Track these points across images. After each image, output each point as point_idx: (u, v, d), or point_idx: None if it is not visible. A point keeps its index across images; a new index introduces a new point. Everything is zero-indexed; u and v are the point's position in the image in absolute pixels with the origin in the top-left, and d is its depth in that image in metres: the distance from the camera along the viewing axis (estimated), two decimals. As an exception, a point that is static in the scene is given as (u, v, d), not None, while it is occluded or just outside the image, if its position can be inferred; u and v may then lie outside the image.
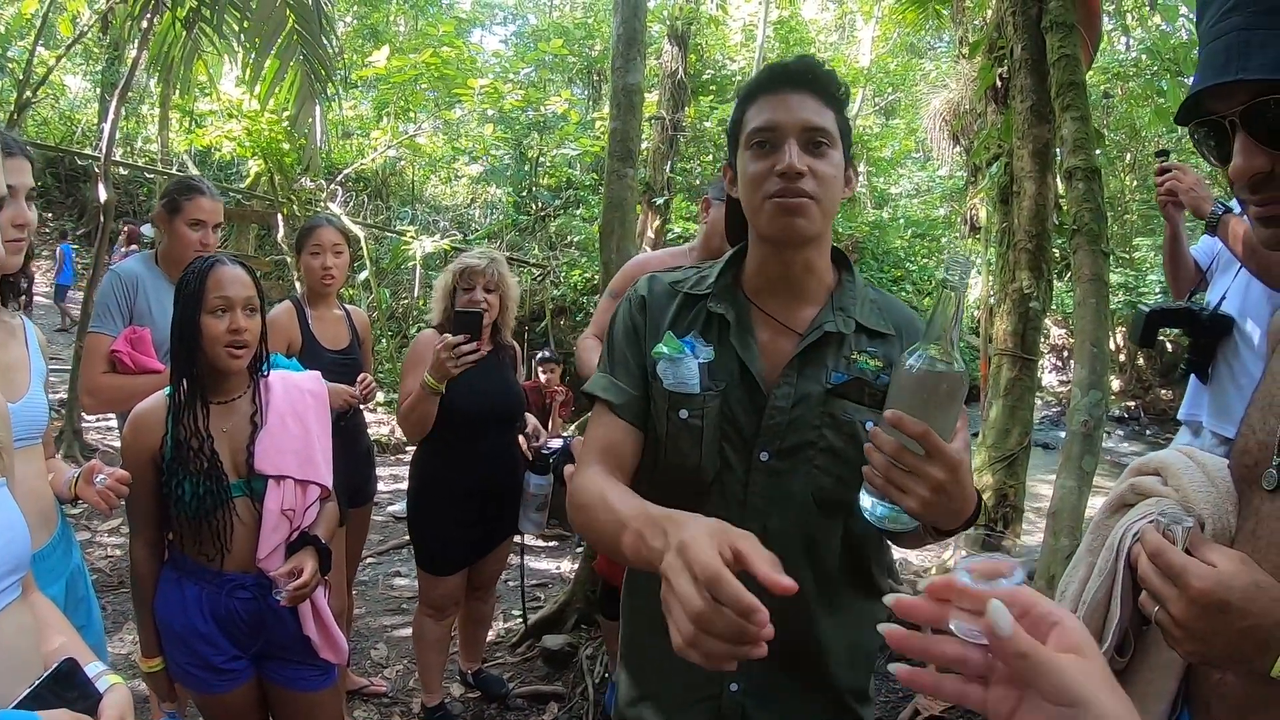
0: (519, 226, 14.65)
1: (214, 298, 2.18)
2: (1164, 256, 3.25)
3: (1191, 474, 1.21)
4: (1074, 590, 1.30)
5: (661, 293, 1.60)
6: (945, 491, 1.17)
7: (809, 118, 1.42)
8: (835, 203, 1.46)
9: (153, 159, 17.33)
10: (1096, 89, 13.29)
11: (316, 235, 3.46)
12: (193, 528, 2.20)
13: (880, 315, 1.54)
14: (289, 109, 8.65)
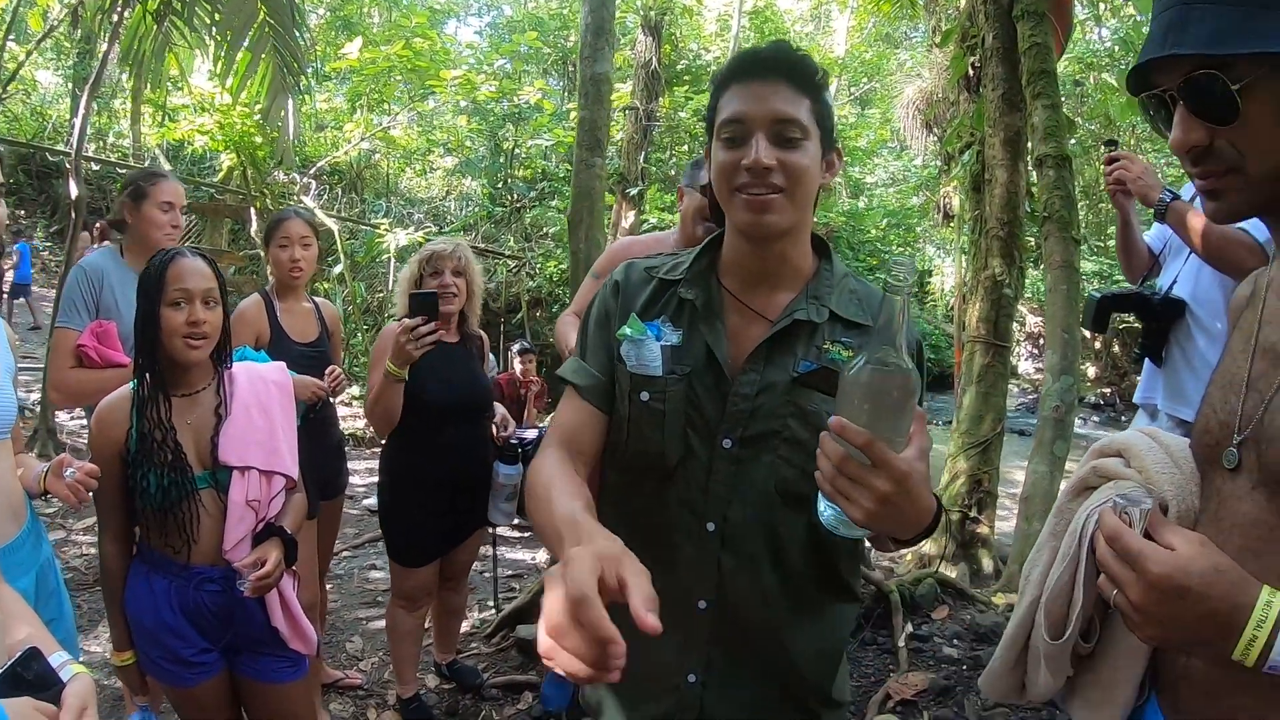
0: (494, 218, 14.61)
1: (173, 290, 2.17)
2: (1116, 244, 3.31)
3: (1154, 455, 1.21)
4: (1037, 575, 1.28)
5: (637, 279, 1.58)
6: (892, 503, 1.11)
7: (780, 109, 1.37)
8: (809, 194, 1.42)
9: (125, 154, 17.16)
10: (1069, 78, 13.38)
11: (284, 228, 3.43)
12: (158, 520, 2.19)
13: (859, 306, 1.49)
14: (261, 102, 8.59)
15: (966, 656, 3.68)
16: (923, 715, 3.28)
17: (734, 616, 1.45)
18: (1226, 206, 1.05)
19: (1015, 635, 1.31)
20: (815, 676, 1.52)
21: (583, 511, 1.23)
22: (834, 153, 1.48)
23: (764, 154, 1.35)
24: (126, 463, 2.20)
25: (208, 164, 14.34)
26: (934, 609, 4.10)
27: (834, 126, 1.47)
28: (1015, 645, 1.31)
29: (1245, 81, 0.96)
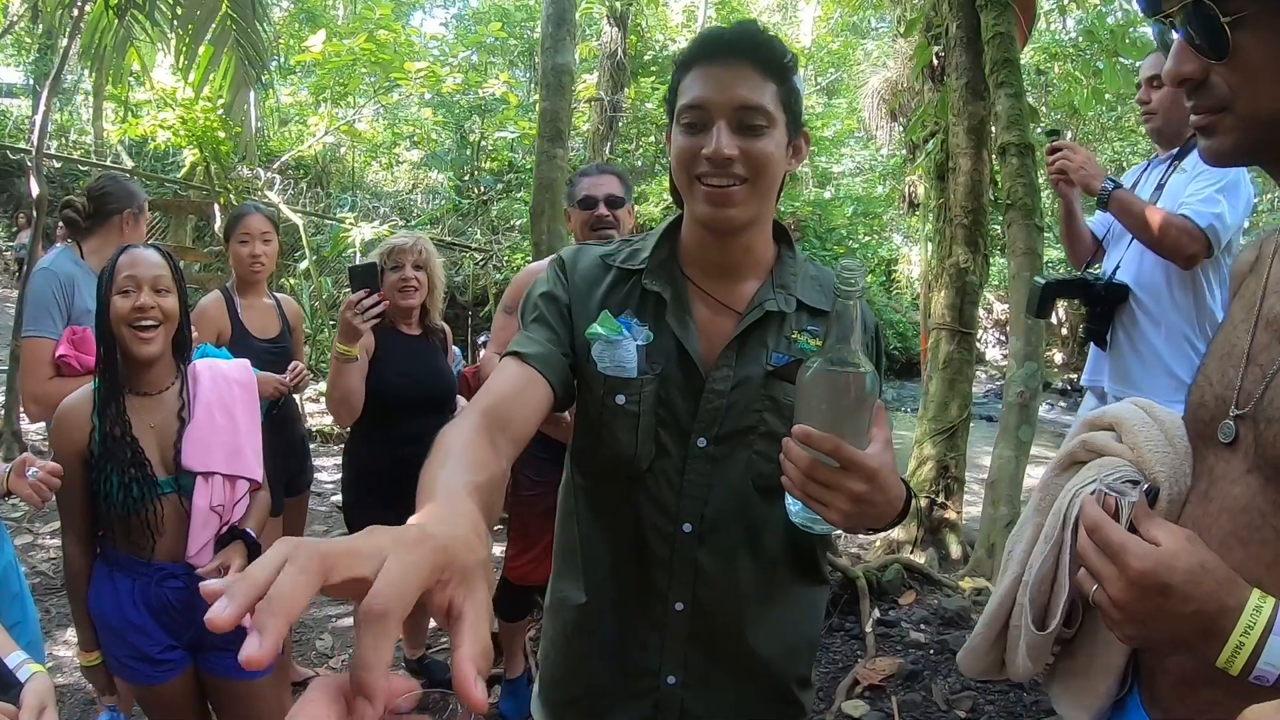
0: (460, 212, 14.53)
1: (122, 278, 2.17)
2: (1060, 231, 3.36)
3: (1148, 431, 1.15)
4: (1019, 552, 1.25)
5: (590, 265, 1.49)
6: (866, 500, 1.11)
7: (743, 95, 1.30)
8: (773, 183, 1.37)
9: (87, 151, 16.90)
10: (1033, 67, 13.48)
11: (245, 223, 3.40)
12: (122, 521, 2.18)
13: (821, 291, 1.46)
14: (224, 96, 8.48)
15: (933, 641, 3.71)
16: (890, 700, 3.31)
17: (712, 615, 1.44)
18: (1216, 145, 0.99)
19: (995, 613, 1.27)
20: (795, 663, 1.51)
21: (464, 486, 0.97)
22: (801, 138, 1.41)
23: (725, 144, 1.29)
24: (89, 464, 2.18)
25: (171, 160, 14.15)
26: (901, 594, 4.14)
27: (802, 111, 1.41)
28: (995, 623, 1.27)
29: (1238, 15, 0.90)
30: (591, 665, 1.52)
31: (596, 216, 3.04)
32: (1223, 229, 2.82)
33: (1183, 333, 3.00)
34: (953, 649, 3.61)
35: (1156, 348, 3.01)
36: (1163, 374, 3.01)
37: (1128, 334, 3.09)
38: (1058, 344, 19.04)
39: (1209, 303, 3.00)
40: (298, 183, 14.87)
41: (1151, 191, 3.09)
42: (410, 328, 3.33)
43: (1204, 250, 2.83)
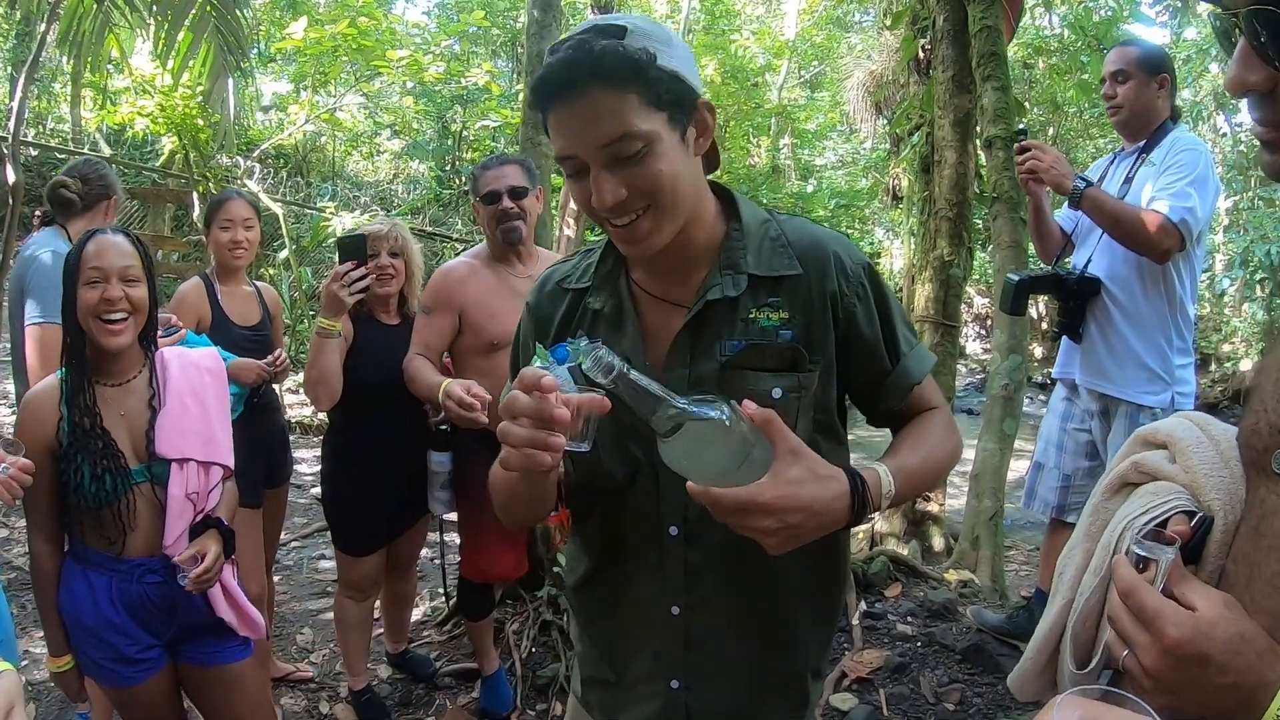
0: (442, 201, 14.45)
1: (88, 269, 2.10)
2: (1029, 228, 3.44)
3: (1202, 453, 1.08)
4: (1070, 576, 1.20)
5: (550, 294, 1.47)
6: (785, 528, 1.11)
7: (604, 132, 1.17)
8: (683, 189, 1.25)
9: (65, 139, 16.67)
10: (1019, 61, 13.50)
11: (226, 209, 3.35)
12: (93, 515, 2.12)
13: (782, 252, 1.35)
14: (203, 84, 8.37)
15: (921, 633, 3.71)
16: (879, 693, 3.30)
17: (710, 617, 1.40)
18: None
19: (1046, 638, 1.22)
20: (805, 656, 1.48)
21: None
22: (697, 117, 1.27)
23: (608, 192, 1.20)
24: (56, 457, 2.11)
25: (149, 148, 14.00)
26: (887, 587, 4.13)
27: (684, 87, 1.23)
28: (1047, 648, 1.22)
29: None
30: (602, 663, 1.54)
31: (502, 210, 3.00)
32: (1194, 222, 2.88)
33: (1155, 324, 3.05)
34: (940, 641, 3.60)
35: (1129, 340, 3.06)
36: (1134, 365, 3.06)
37: (1100, 327, 3.14)
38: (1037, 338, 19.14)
39: (1180, 294, 3.05)
40: (278, 172, 14.73)
41: (1119, 184, 3.14)
42: (389, 316, 3.28)
43: (1177, 245, 2.88)
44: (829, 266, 1.34)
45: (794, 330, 1.32)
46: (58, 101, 18.92)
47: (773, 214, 1.41)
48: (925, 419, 1.45)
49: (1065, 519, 3.36)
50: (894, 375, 1.40)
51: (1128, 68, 3.11)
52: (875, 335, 1.38)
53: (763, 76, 17.95)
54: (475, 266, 3.11)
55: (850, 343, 1.37)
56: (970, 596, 4.11)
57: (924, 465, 1.35)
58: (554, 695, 3.51)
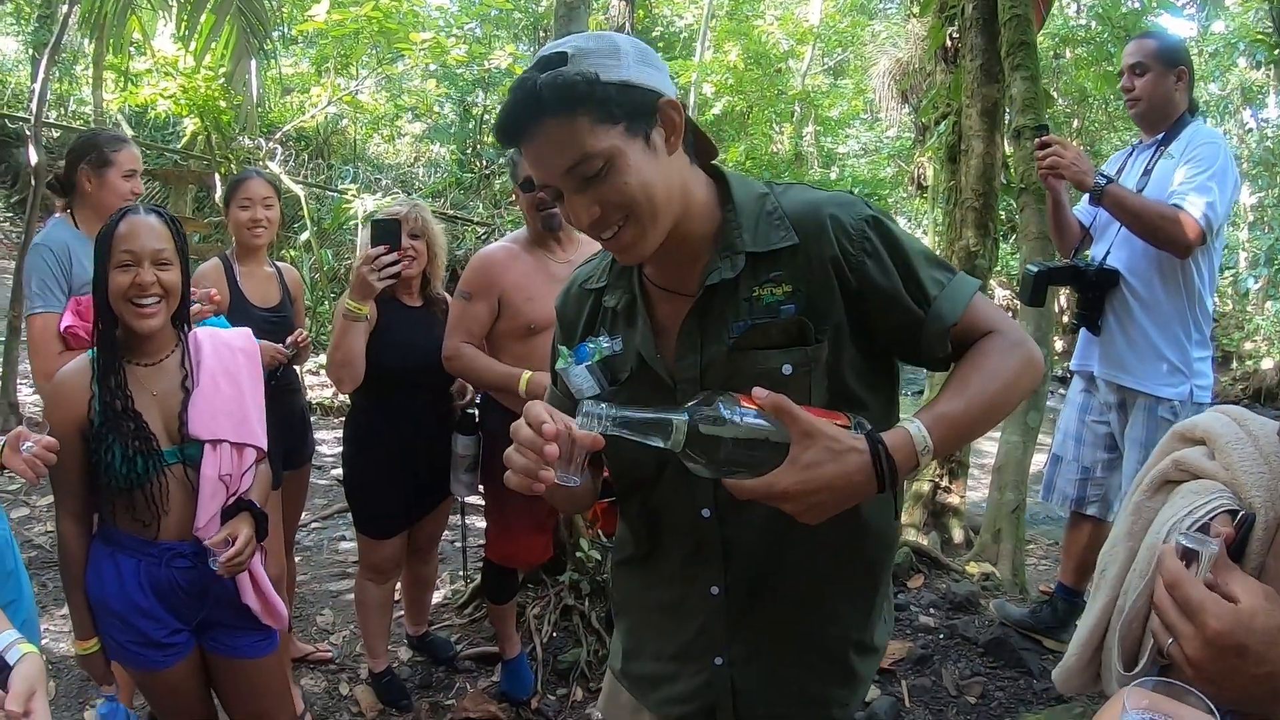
0: (463, 185, 14.44)
1: (120, 251, 2.07)
2: (1048, 222, 3.44)
3: (1242, 450, 1.11)
4: (1113, 573, 1.22)
5: (575, 296, 1.55)
6: (811, 507, 1.16)
7: (562, 159, 1.22)
8: (658, 193, 1.26)
9: (87, 120, 16.71)
10: (1047, 52, 13.37)
11: (246, 188, 3.33)
12: (125, 497, 2.10)
13: (779, 224, 1.34)
14: (225, 66, 8.37)
15: (943, 625, 3.68)
16: (900, 684, 3.28)
17: (751, 595, 1.43)
18: None
19: (1090, 635, 1.25)
20: (849, 629, 1.48)
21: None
22: (660, 109, 1.27)
23: (582, 213, 1.25)
24: (87, 438, 2.09)
25: (171, 130, 14.03)
26: (909, 578, 4.10)
27: (638, 94, 1.24)
28: (1091, 644, 1.25)
29: None
30: (645, 641, 1.59)
31: (540, 199, 2.96)
32: (1215, 217, 2.88)
33: (1173, 317, 3.05)
34: (962, 633, 3.58)
35: (1148, 332, 3.06)
36: (1154, 358, 3.06)
37: (1119, 319, 3.13)
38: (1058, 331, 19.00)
39: (1199, 287, 3.05)
40: (299, 154, 14.75)
41: (1138, 177, 3.14)
42: (411, 298, 3.25)
43: (1199, 240, 2.88)
44: (826, 231, 1.33)
45: (796, 303, 1.31)
46: (80, 84, 18.96)
47: (771, 187, 1.41)
48: (975, 352, 1.36)
49: (1085, 511, 3.35)
50: (928, 322, 1.34)
51: (1146, 60, 3.11)
52: (895, 287, 1.34)
53: (786, 63, 17.82)
54: (514, 251, 3.08)
55: (869, 300, 1.34)
56: (992, 590, 4.09)
57: (972, 406, 1.28)
58: (574, 680, 3.51)
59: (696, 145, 1.39)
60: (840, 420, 1.21)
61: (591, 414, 1.14)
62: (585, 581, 3.84)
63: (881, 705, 3.09)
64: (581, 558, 3.86)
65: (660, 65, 1.30)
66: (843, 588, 1.46)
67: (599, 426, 1.14)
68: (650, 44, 9.30)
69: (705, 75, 15.32)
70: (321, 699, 3.53)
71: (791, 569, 1.41)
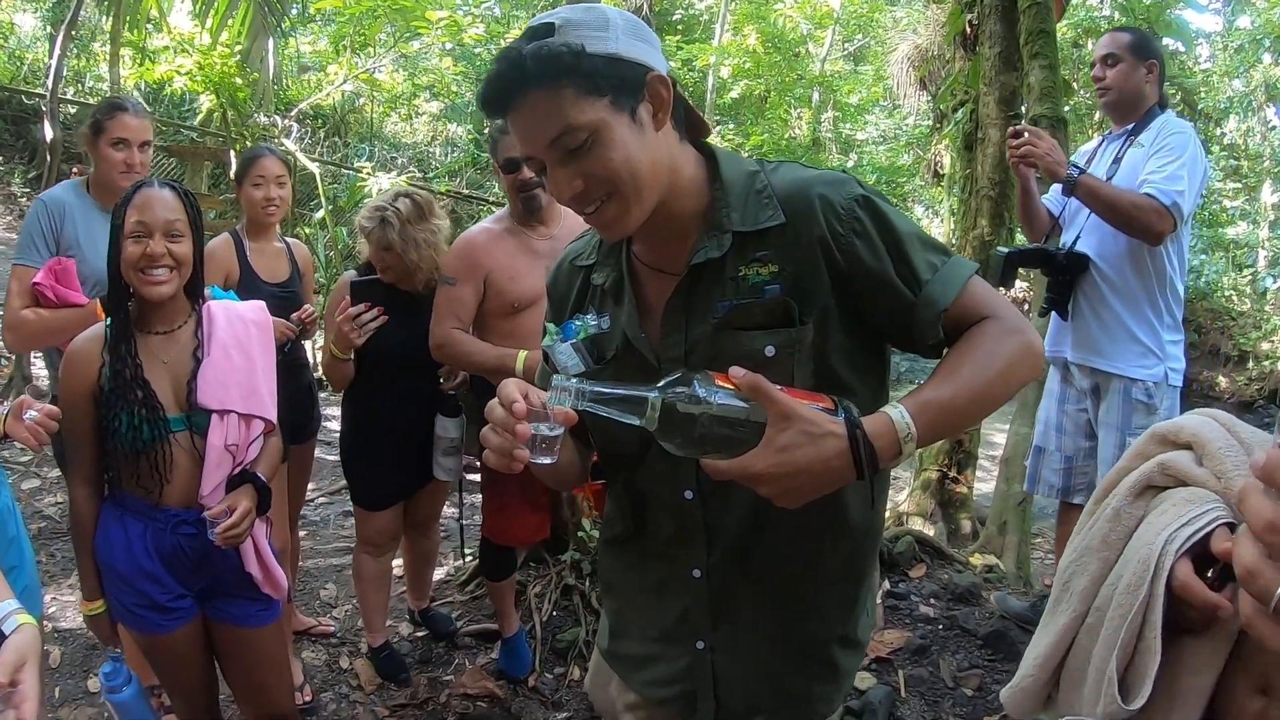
0: (479, 165, 14.42)
1: (132, 223, 2.10)
2: (1018, 210, 3.49)
3: (1235, 457, 1.00)
4: (1083, 586, 1.11)
5: (565, 273, 1.54)
6: (787, 491, 1.14)
7: (546, 131, 1.21)
8: (641, 169, 1.24)
9: (103, 97, 16.79)
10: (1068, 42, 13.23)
11: (259, 165, 3.34)
12: (131, 462, 2.13)
13: (766, 205, 1.31)
14: (242, 43, 8.36)
15: (943, 616, 3.68)
16: (897, 674, 3.28)
17: (733, 580, 1.42)
18: None
19: (1050, 655, 1.13)
20: (831, 622, 1.47)
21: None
22: (649, 85, 1.25)
23: (564, 186, 1.24)
24: (98, 403, 2.12)
25: (187, 107, 14.06)
26: (911, 567, 4.09)
27: (626, 67, 1.23)
28: (1050, 665, 1.14)
29: None
30: (630, 622, 1.60)
31: (522, 180, 2.95)
32: (1185, 204, 2.95)
33: (1144, 300, 3.11)
34: (962, 625, 3.57)
35: (1119, 314, 3.12)
36: (1127, 339, 3.11)
37: (1090, 303, 3.19)
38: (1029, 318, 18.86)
39: (1169, 271, 3.10)
40: (315, 131, 14.77)
41: (1108, 165, 3.21)
42: (414, 285, 3.24)
43: (1171, 227, 2.95)
44: (814, 210, 1.29)
45: (782, 283, 1.29)
46: (96, 60, 19.01)
47: (762, 165, 1.38)
48: (969, 337, 1.31)
49: (1072, 500, 3.36)
50: (919, 306, 1.30)
51: (1118, 51, 3.19)
52: (885, 269, 1.29)
53: (805, 47, 17.69)
54: (496, 232, 3.09)
55: (858, 282, 1.30)
56: (995, 582, 4.07)
57: (960, 393, 1.24)
58: (573, 659, 3.52)
59: (688, 122, 1.37)
60: (824, 403, 1.18)
61: (561, 388, 1.14)
62: (586, 561, 3.84)
63: (877, 694, 3.08)
64: (583, 537, 3.87)
65: (652, 40, 1.28)
66: (825, 579, 1.44)
67: (569, 401, 1.14)
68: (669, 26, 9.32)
69: (723, 58, 15.23)
70: (321, 672, 3.56)
71: (773, 556, 1.40)
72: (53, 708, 3.25)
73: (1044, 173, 3.16)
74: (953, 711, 3.11)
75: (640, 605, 1.56)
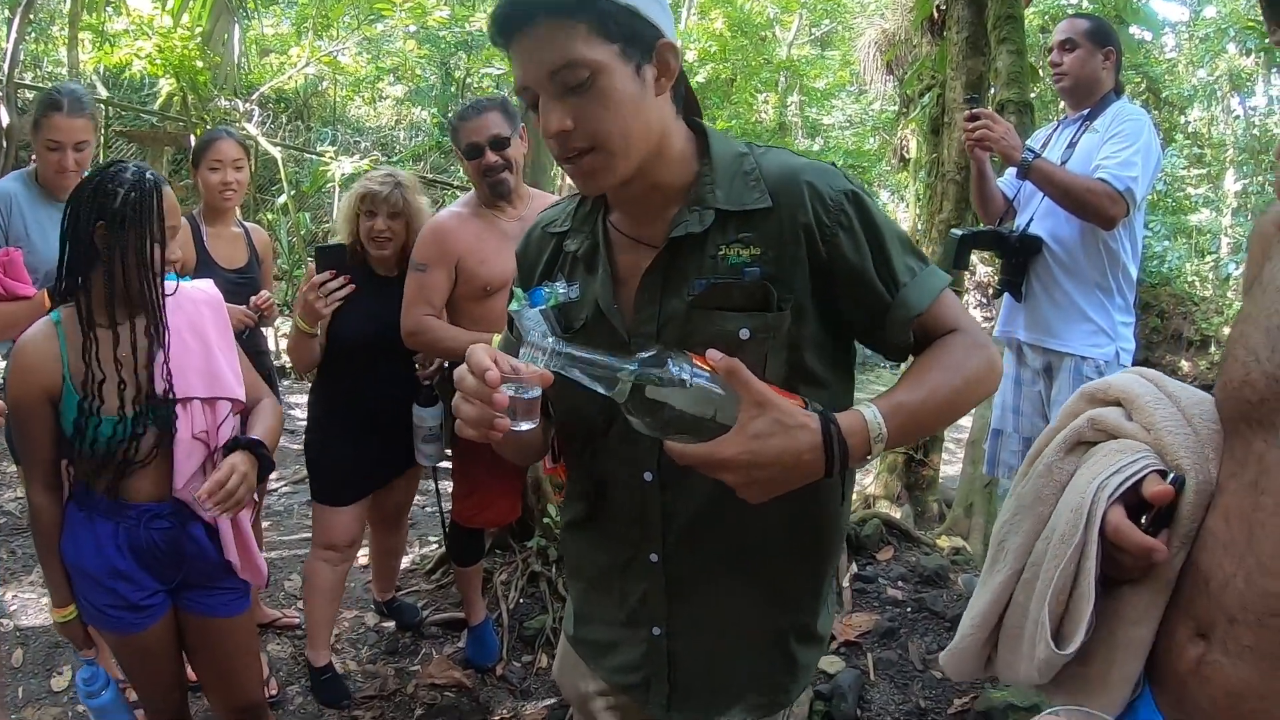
0: (444, 149, 14.28)
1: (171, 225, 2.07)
2: (973, 193, 3.49)
3: (1164, 410, 1.04)
4: (1017, 543, 1.13)
5: (537, 239, 1.51)
6: (755, 481, 1.11)
7: (549, 59, 1.18)
8: (634, 126, 1.23)
9: (62, 81, 16.47)
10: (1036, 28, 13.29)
11: (216, 149, 3.27)
12: (99, 461, 2.05)
13: (754, 187, 1.30)
14: (203, 25, 8.21)
15: (911, 599, 3.69)
16: (866, 657, 3.29)
17: (689, 566, 1.39)
18: None
19: (987, 614, 1.16)
20: (789, 613, 1.45)
21: None
22: (659, 49, 1.24)
23: (552, 121, 1.20)
24: (55, 404, 2.04)
25: (147, 91, 13.81)
26: (879, 550, 4.10)
27: (642, 23, 1.22)
28: (987, 624, 1.16)
29: None
30: (590, 607, 1.57)
31: (486, 166, 2.91)
32: (1138, 190, 2.98)
33: (1096, 280, 3.14)
34: (930, 607, 3.58)
35: (1071, 294, 3.15)
36: (1079, 319, 3.15)
37: (1043, 283, 3.22)
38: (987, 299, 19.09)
39: (1121, 255, 3.15)
40: (277, 115, 14.56)
41: (1063, 150, 3.23)
42: (387, 269, 3.17)
43: (1124, 212, 2.98)
44: (802, 197, 1.27)
45: (763, 267, 1.27)
46: (55, 44, 18.63)
47: (751, 148, 1.36)
48: (938, 346, 1.33)
49: None
50: (894, 307, 1.31)
51: (1075, 37, 3.21)
52: (865, 266, 1.29)
53: (771, 31, 17.67)
54: (463, 216, 3.04)
55: (837, 275, 1.29)
56: (962, 564, 4.09)
57: (929, 399, 1.25)
58: (540, 647, 3.50)
59: (685, 99, 1.36)
60: (795, 400, 1.17)
61: (537, 346, 1.11)
62: (553, 548, 3.82)
63: (846, 678, 3.08)
64: (549, 524, 3.84)
65: (666, 8, 1.27)
66: (785, 571, 1.42)
67: (543, 360, 1.11)
68: (633, 8, 9.16)
69: (689, 42, 15.17)
70: (287, 664, 3.51)
71: (732, 545, 1.37)
72: (16, 708, 3.17)
73: (999, 156, 3.18)
74: (922, 694, 3.12)
75: (603, 589, 1.53)
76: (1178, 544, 1.00)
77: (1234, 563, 0.93)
